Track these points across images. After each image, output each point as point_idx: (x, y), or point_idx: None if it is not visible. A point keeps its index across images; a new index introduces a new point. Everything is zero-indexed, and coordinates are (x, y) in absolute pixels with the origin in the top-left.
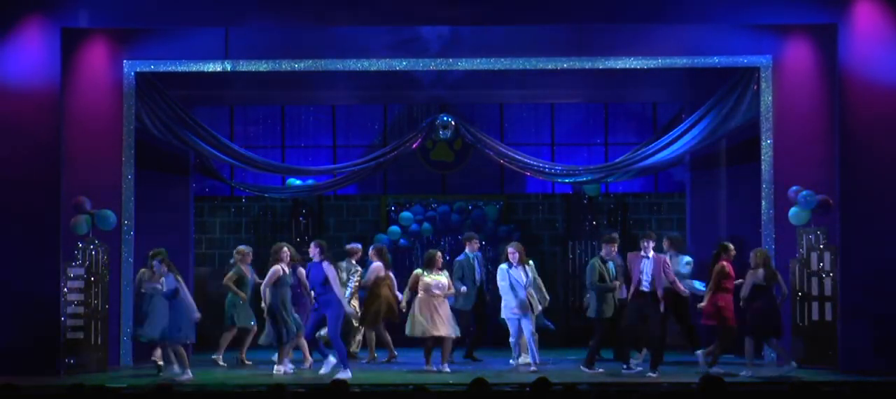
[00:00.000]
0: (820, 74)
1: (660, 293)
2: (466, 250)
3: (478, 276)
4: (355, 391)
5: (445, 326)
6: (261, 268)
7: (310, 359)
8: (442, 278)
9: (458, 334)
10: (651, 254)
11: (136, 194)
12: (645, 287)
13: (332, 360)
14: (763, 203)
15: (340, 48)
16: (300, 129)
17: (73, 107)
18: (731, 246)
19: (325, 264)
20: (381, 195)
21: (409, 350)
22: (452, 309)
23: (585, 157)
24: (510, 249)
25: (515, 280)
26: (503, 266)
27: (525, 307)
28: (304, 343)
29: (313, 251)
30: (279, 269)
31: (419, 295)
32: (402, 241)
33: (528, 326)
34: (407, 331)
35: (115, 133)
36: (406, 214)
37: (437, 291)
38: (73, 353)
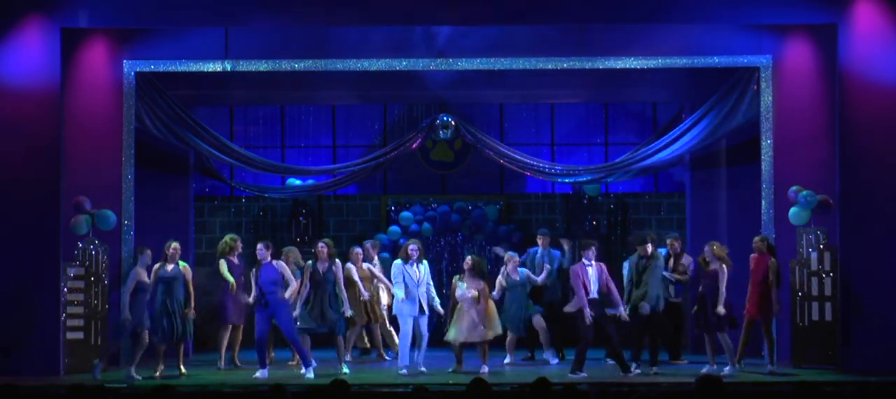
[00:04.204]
0: (820, 74)
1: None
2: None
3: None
4: (355, 391)
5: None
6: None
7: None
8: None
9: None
10: (594, 262)
11: (136, 194)
12: (593, 295)
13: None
14: (763, 203)
15: (340, 48)
16: (300, 129)
17: (73, 107)
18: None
19: (278, 263)
20: (381, 195)
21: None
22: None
23: (585, 157)
24: (412, 247)
25: (409, 278)
26: (398, 262)
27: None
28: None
29: (262, 252)
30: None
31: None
32: (401, 241)
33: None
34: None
35: (115, 133)
36: (406, 214)
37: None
38: (73, 353)
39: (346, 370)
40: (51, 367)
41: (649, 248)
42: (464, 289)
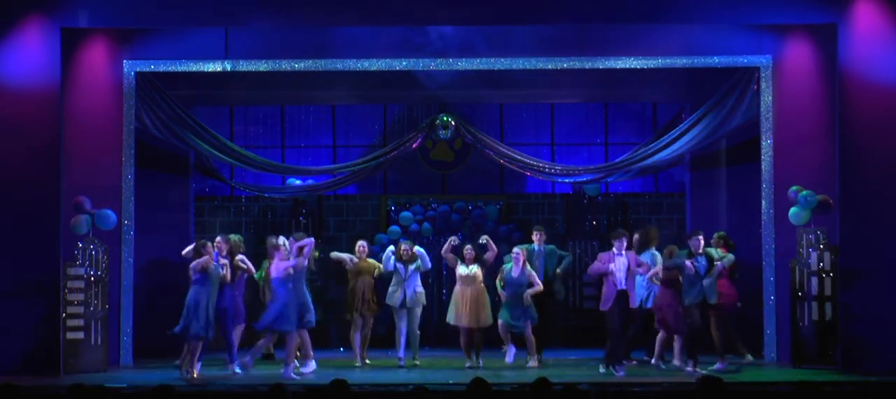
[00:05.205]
0: (820, 74)
1: (633, 294)
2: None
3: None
4: (355, 391)
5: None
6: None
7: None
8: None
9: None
10: (624, 252)
11: (136, 194)
12: (621, 286)
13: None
14: (763, 203)
15: (340, 48)
16: (300, 129)
17: (73, 107)
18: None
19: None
20: (381, 195)
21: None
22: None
23: (585, 157)
24: (404, 247)
25: (398, 275)
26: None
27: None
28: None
29: (220, 244)
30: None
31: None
32: (401, 240)
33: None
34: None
35: (115, 133)
36: (406, 214)
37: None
38: (73, 353)
39: (305, 369)
40: (51, 367)
41: (701, 241)
42: (465, 269)
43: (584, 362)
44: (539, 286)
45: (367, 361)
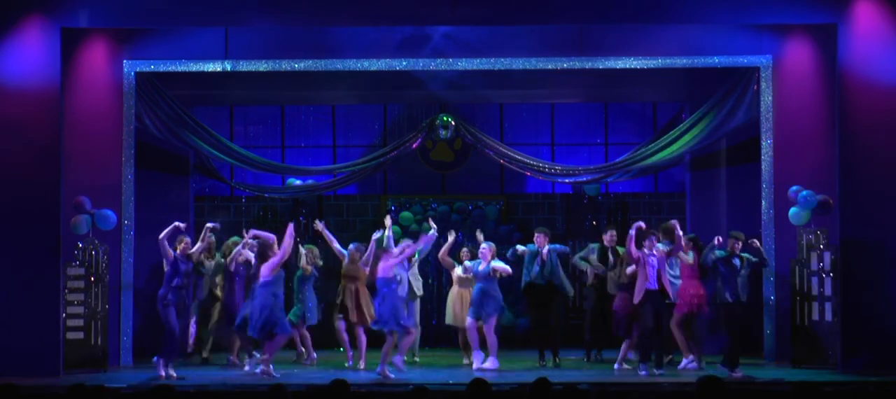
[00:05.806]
0: (820, 74)
1: (669, 290)
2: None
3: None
4: (355, 391)
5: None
6: None
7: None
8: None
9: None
10: (656, 251)
11: (136, 194)
12: (652, 285)
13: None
14: (763, 203)
15: (340, 48)
16: (300, 129)
17: (73, 107)
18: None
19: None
20: (381, 195)
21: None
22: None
23: (585, 157)
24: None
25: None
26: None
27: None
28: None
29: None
30: None
31: None
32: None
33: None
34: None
35: (115, 133)
36: (406, 214)
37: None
38: (73, 353)
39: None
40: (51, 367)
41: (740, 244)
42: (460, 271)
43: (584, 362)
44: (507, 270)
45: (361, 366)
